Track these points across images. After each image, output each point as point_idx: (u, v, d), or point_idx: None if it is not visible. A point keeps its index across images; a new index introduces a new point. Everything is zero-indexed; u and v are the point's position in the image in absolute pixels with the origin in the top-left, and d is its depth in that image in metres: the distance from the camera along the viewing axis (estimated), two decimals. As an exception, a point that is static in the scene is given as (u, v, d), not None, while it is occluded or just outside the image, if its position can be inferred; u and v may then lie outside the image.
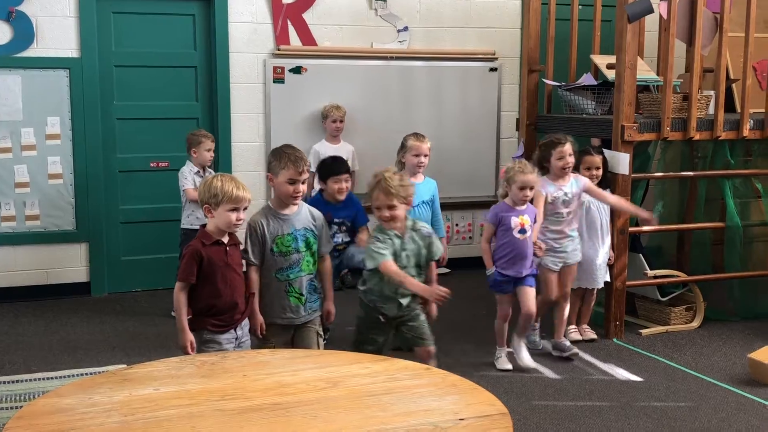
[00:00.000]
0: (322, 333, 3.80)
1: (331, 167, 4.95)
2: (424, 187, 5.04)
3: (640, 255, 5.45)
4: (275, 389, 2.55)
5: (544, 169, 4.88)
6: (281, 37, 6.39)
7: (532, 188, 4.51)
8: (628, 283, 5.26)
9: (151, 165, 6.28)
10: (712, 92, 5.39)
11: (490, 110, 7.00)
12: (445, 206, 6.94)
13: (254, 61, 6.35)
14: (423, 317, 3.90)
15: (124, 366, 2.78)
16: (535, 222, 4.63)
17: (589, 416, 4.05)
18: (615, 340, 5.19)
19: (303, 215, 3.68)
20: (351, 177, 6.48)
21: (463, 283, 6.67)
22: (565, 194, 4.85)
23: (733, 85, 5.87)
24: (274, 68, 6.36)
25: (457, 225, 7.11)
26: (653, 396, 4.29)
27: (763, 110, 5.43)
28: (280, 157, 3.61)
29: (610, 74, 5.42)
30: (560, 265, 4.90)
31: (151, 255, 6.30)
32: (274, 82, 6.38)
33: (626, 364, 4.77)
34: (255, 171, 6.37)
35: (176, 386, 2.57)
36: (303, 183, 3.60)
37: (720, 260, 5.78)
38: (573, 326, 5.20)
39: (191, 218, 5.50)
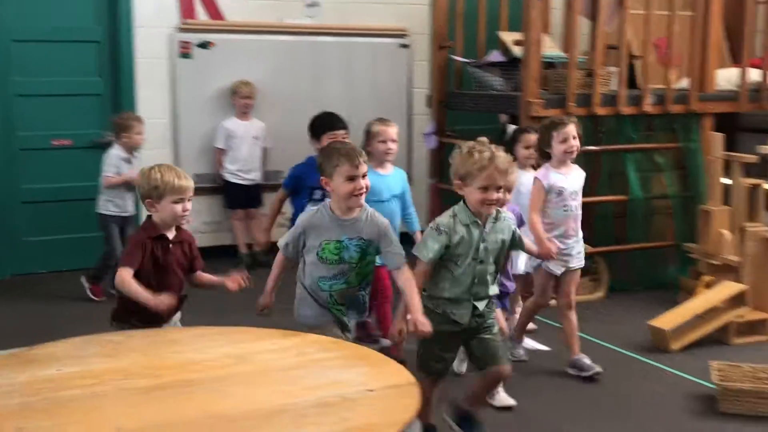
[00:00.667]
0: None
1: (327, 121, 4.42)
2: (393, 180, 4.46)
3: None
4: (183, 366, 2.52)
5: (545, 155, 4.23)
6: (187, 11, 6.26)
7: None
8: (535, 255, 5.37)
9: (53, 143, 6.09)
10: (615, 68, 5.53)
11: (401, 87, 7.01)
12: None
13: (160, 36, 6.20)
14: (497, 328, 3.34)
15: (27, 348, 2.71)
16: (521, 225, 3.83)
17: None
18: (523, 311, 5.30)
19: (363, 222, 3.21)
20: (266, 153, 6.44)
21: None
22: (571, 184, 4.22)
23: (635, 61, 6.03)
24: (181, 43, 6.23)
25: (369, 201, 7.11)
26: (561, 365, 4.41)
27: (663, 86, 5.60)
28: (331, 156, 3.21)
29: (517, 50, 5.50)
30: (563, 269, 4.25)
31: (56, 235, 6.12)
32: (180, 57, 6.24)
33: (534, 334, 4.87)
34: (161, 148, 6.24)
35: (80, 366, 2.51)
36: (364, 177, 3.16)
37: (623, 232, 5.96)
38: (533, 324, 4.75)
39: (108, 205, 5.37)
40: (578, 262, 4.27)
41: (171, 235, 3.23)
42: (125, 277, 3.09)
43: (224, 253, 6.42)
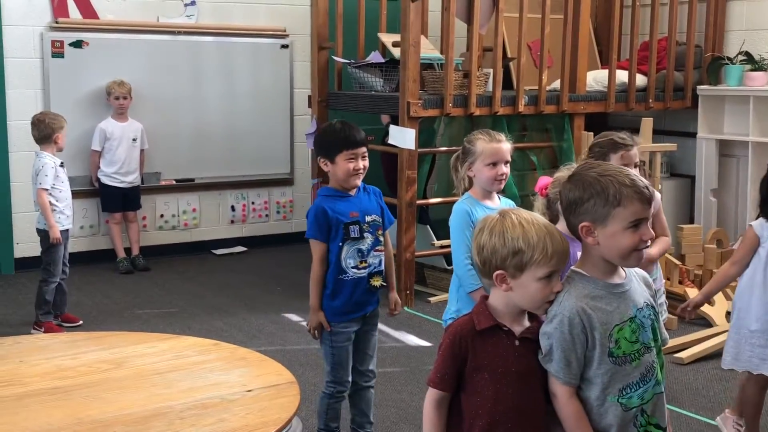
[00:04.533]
0: None
1: (343, 135, 3.17)
2: None
3: (428, 226, 5.67)
4: (54, 373, 2.45)
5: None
6: (59, 9, 6.06)
7: None
8: (416, 253, 5.46)
9: None
10: (490, 70, 5.67)
11: (282, 87, 7.01)
12: (240, 184, 6.94)
13: (30, 35, 5.99)
14: None
15: None
16: None
17: (381, 382, 4.17)
18: (406, 308, 5.37)
19: (638, 279, 2.13)
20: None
21: (259, 260, 6.69)
22: None
23: (510, 63, 6.20)
24: (53, 42, 6.04)
25: (253, 203, 7.08)
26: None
27: (536, 87, 5.78)
28: (606, 189, 1.99)
29: (396, 52, 5.57)
30: None
31: None
32: (53, 56, 6.05)
33: (416, 330, 4.95)
34: (33, 150, 6.01)
35: (-57, 377, 2.41)
36: (648, 221, 2.03)
37: (502, 229, 6.09)
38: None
39: (61, 218, 4.83)
40: None
41: (519, 327, 2.06)
42: (427, 407, 2.05)
43: (102, 258, 6.28)
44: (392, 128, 5.42)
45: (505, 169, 3.16)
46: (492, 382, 1.98)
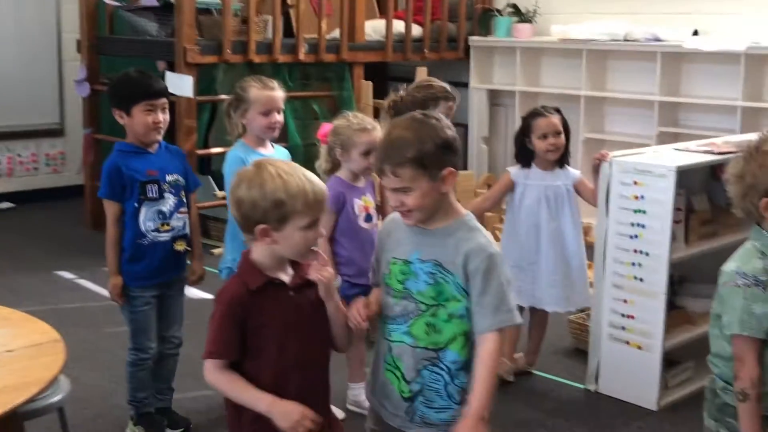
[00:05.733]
0: None
1: (141, 85, 2.94)
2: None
3: (209, 177, 5.57)
4: None
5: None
6: None
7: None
8: (198, 204, 5.32)
9: None
10: (269, 17, 5.60)
11: (49, 30, 6.60)
12: (5, 136, 6.48)
13: None
14: None
15: None
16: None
17: (161, 337, 4.09)
18: (188, 261, 5.26)
19: (451, 237, 2.03)
20: None
21: (28, 216, 6.33)
22: None
23: (290, 10, 6.14)
24: None
25: (20, 156, 6.64)
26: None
27: (316, 35, 5.77)
28: (452, 149, 2.03)
29: (171, -5, 5.37)
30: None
31: None
32: None
33: (201, 284, 4.86)
34: None
35: None
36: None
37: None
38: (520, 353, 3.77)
39: None
40: None
41: (287, 276, 2.03)
42: (213, 377, 2.00)
43: None
44: (169, 75, 5.24)
45: (279, 117, 3.14)
46: (274, 338, 1.94)
